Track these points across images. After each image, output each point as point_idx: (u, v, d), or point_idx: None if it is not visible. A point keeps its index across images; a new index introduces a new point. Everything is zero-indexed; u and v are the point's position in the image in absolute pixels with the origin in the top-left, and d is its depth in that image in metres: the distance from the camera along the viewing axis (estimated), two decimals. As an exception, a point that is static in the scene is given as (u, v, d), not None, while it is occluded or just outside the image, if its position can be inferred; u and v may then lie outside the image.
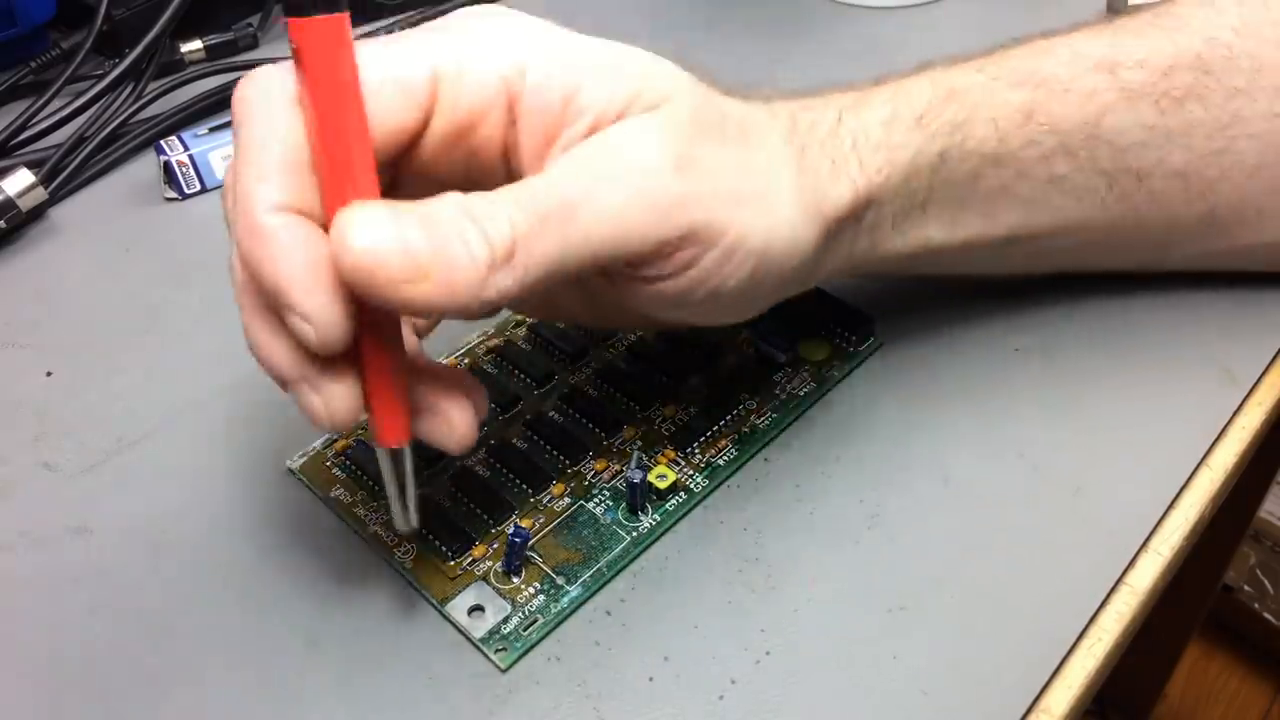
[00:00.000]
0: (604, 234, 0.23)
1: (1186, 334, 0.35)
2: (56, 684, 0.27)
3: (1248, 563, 1.03)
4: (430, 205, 0.22)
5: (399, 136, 0.24)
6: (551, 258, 0.23)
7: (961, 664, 0.27)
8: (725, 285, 0.26)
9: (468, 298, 0.22)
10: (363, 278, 0.21)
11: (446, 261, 0.22)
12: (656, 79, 0.25)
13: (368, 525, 0.30)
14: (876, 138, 0.29)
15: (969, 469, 0.31)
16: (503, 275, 0.22)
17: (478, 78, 0.24)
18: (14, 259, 0.42)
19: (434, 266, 0.22)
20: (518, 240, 0.22)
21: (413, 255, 0.21)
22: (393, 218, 0.22)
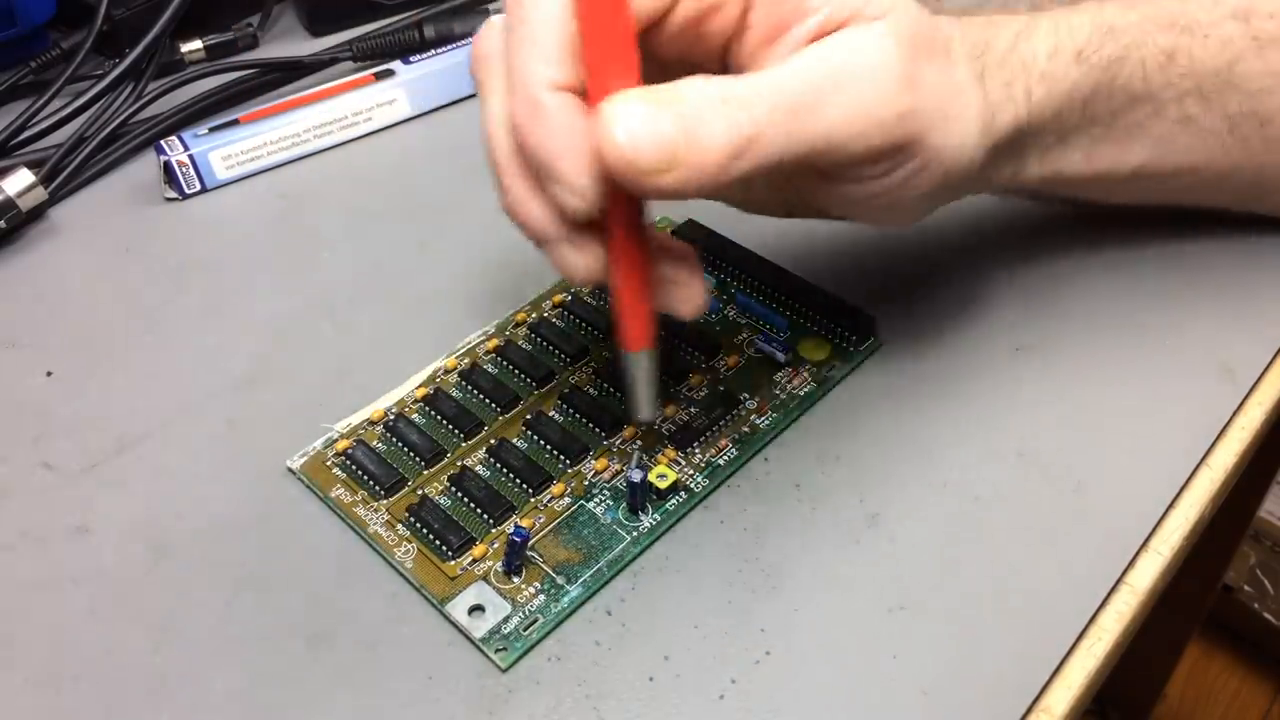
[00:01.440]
0: (834, 136, 0.25)
1: (1187, 333, 0.35)
2: (56, 684, 0.27)
3: (1248, 563, 1.03)
4: (682, 93, 0.24)
5: (650, 16, 0.25)
6: (783, 150, 0.25)
7: (961, 664, 0.27)
8: (909, 194, 0.28)
9: (709, 183, 0.24)
10: (622, 167, 0.23)
11: (696, 151, 0.24)
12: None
13: (368, 525, 0.30)
14: (1041, 67, 0.31)
15: (969, 469, 0.31)
16: (740, 161, 0.24)
17: None
18: (14, 259, 0.42)
19: (684, 156, 0.23)
20: (759, 130, 0.24)
21: (667, 147, 0.23)
22: (651, 112, 0.23)
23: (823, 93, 0.25)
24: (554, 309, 0.37)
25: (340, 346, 0.37)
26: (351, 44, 0.51)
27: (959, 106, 0.28)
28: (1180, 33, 0.32)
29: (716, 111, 0.24)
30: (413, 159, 0.46)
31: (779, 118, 0.24)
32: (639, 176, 0.24)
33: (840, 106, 0.25)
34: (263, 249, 0.42)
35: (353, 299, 0.39)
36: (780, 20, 0.26)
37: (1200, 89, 0.32)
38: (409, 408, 0.34)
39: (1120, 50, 0.32)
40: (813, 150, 0.25)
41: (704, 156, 0.24)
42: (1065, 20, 0.32)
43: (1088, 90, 0.31)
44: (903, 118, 0.26)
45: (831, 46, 0.26)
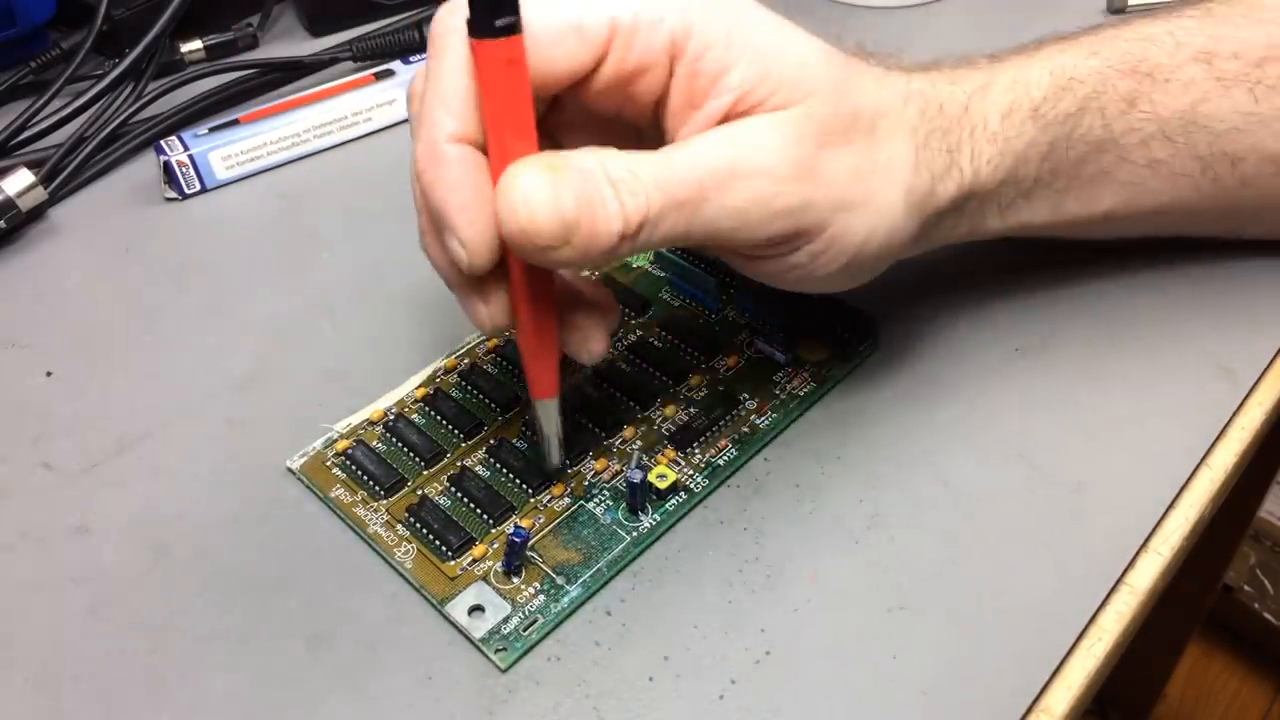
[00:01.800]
0: (723, 225, 0.26)
1: (1187, 334, 0.35)
2: (56, 684, 0.27)
3: (1248, 563, 1.03)
4: (583, 166, 0.24)
5: (569, 77, 0.26)
6: (673, 235, 0.26)
7: (961, 664, 0.27)
8: (816, 272, 0.28)
9: (598, 259, 0.25)
10: (519, 239, 0.24)
11: (590, 229, 0.24)
12: (803, 74, 0.26)
13: (368, 525, 0.30)
14: (993, 128, 0.30)
15: (968, 468, 0.31)
16: (629, 243, 0.25)
17: (649, 34, 0.26)
18: (14, 259, 0.42)
19: (578, 233, 0.24)
20: (648, 218, 0.25)
21: (565, 223, 0.24)
22: (550, 186, 0.24)
23: (715, 184, 0.25)
24: (554, 309, 0.37)
25: (340, 346, 0.37)
26: (351, 44, 0.51)
27: (870, 191, 0.28)
28: (1141, 79, 0.32)
29: (611, 191, 0.24)
30: (413, 159, 0.46)
31: (670, 207, 0.25)
32: (535, 250, 0.24)
33: (731, 199, 0.25)
34: (263, 249, 0.42)
35: (353, 299, 0.39)
36: (696, 93, 0.26)
37: (1164, 131, 0.32)
38: (409, 408, 0.34)
39: (1079, 102, 0.31)
40: (713, 236, 0.26)
41: (597, 236, 0.24)
42: (1024, 74, 0.31)
43: (1045, 146, 0.31)
44: (794, 211, 0.26)
45: (732, 134, 0.26)
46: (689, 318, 0.36)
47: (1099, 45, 0.33)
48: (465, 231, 0.25)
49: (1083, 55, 0.32)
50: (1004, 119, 0.31)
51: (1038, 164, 0.31)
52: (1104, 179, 0.33)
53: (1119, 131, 0.32)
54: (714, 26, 0.26)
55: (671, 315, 0.36)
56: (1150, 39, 0.33)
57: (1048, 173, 0.32)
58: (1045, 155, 0.31)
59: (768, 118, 0.26)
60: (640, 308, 0.36)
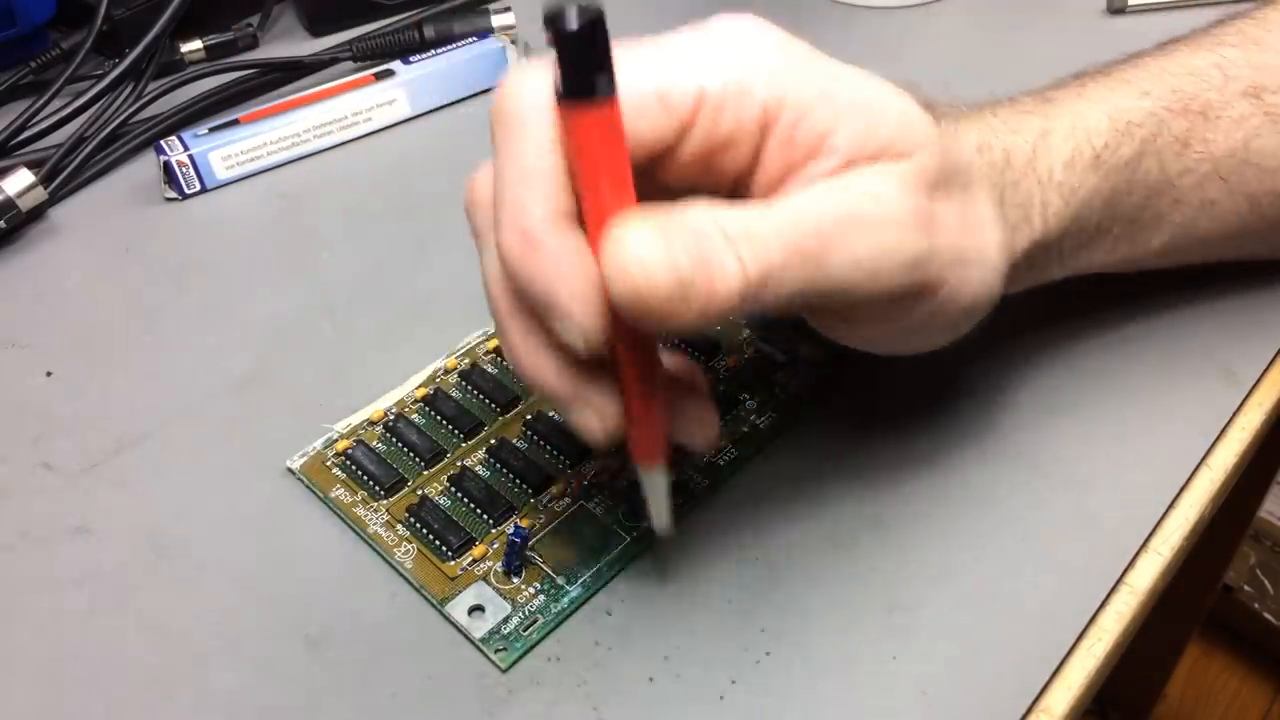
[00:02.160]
0: (848, 278, 0.24)
1: (1187, 334, 0.35)
2: (56, 684, 0.27)
3: (1248, 563, 1.03)
4: (694, 223, 0.22)
5: (655, 149, 0.24)
6: (795, 290, 0.23)
7: (961, 664, 0.27)
8: (922, 331, 0.27)
9: (716, 319, 0.22)
10: (633, 300, 0.22)
11: (708, 288, 0.22)
12: (908, 127, 0.25)
13: (368, 525, 0.30)
14: (1059, 178, 0.30)
15: (969, 469, 0.31)
16: (750, 302, 0.23)
17: (739, 106, 0.24)
18: (14, 259, 0.42)
19: (696, 292, 0.22)
20: (771, 271, 0.23)
21: (680, 283, 0.22)
22: (664, 242, 0.22)
23: (838, 234, 0.23)
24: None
25: (340, 346, 0.37)
26: (351, 44, 0.51)
27: (979, 244, 0.27)
28: (1194, 118, 0.32)
29: (727, 245, 0.22)
30: (413, 159, 0.46)
31: (793, 259, 0.23)
32: (650, 311, 0.22)
33: (855, 249, 0.24)
34: (263, 249, 0.42)
35: (353, 299, 0.39)
36: (796, 159, 0.24)
37: (1218, 171, 0.32)
38: (409, 408, 0.34)
39: (1138, 146, 0.31)
40: (836, 292, 0.24)
41: (716, 294, 0.22)
42: (1082, 120, 0.31)
43: (1107, 193, 0.31)
44: (919, 263, 0.25)
45: (847, 185, 0.24)
46: (689, 318, 0.36)
47: (1149, 84, 0.32)
48: (582, 313, 0.22)
49: (1135, 96, 0.31)
50: (1067, 168, 0.30)
51: (1100, 211, 0.31)
52: (1157, 221, 0.32)
53: (1175, 173, 0.31)
54: (808, 90, 0.24)
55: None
56: (1199, 74, 0.32)
57: (1108, 219, 0.31)
58: (1108, 201, 0.31)
59: (879, 168, 0.24)
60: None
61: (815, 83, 0.24)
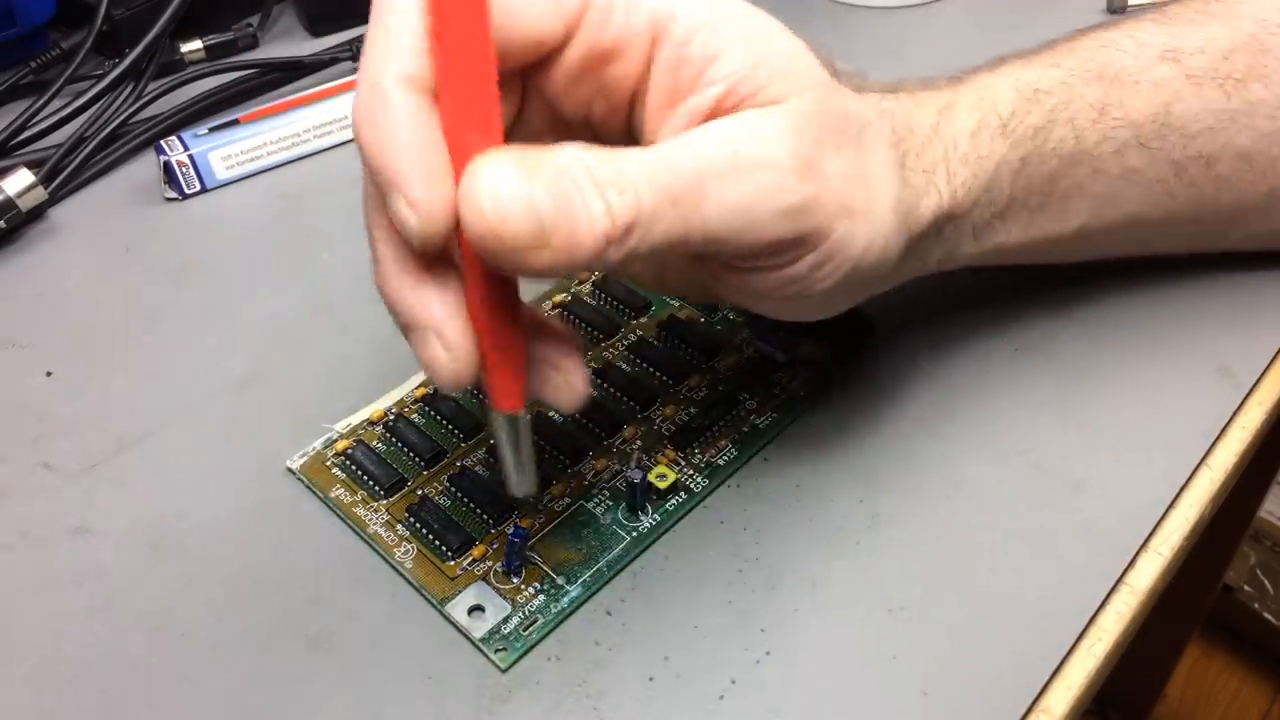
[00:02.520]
0: (724, 225, 0.23)
1: (1187, 333, 0.35)
2: (56, 684, 0.27)
3: (1248, 563, 1.03)
4: (560, 162, 0.22)
5: (537, 47, 0.23)
6: (668, 238, 0.23)
7: (961, 664, 0.27)
8: (814, 287, 0.26)
9: (583, 264, 0.22)
10: (488, 239, 0.21)
11: (569, 230, 0.21)
12: (796, 69, 0.24)
13: (368, 525, 0.30)
14: (964, 148, 0.29)
15: (969, 468, 0.31)
16: (618, 247, 0.22)
17: (628, 9, 0.23)
18: (14, 259, 0.42)
19: (556, 235, 0.21)
20: (640, 219, 0.22)
21: (540, 223, 0.21)
22: (524, 180, 0.21)
23: (712, 179, 0.23)
24: (554, 309, 0.37)
25: (340, 346, 0.37)
26: (351, 44, 0.51)
27: (867, 199, 0.26)
28: (1109, 83, 0.31)
29: (595, 189, 0.22)
30: (413, 159, 0.46)
31: (664, 205, 0.22)
32: (505, 252, 0.21)
33: (731, 193, 0.23)
34: (263, 249, 0.42)
35: (353, 299, 0.39)
36: (680, 85, 0.24)
37: (1138, 138, 0.31)
38: (409, 408, 0.34)
39: (1047, 114, 0.30)
40: (712, 239, 0.23)
41: (578, 238, 0.21)
42: (989, 91, 0.30)
43: (1017, 162, 0.30)
44: (801, 210, 0.24)
45: (727, 127, 0.23)
46: (689, 318, 0.36)
47: (1059, 57, 0.32)
48: (416, 185, 0.21)
49: (1045, 67, 0.31)
50: (973, 138, 0.29)
51: (1011, 181, 0.30)
52: (1077, 192, 0.32)
53: (1092, 142, 0.31)
54: (699, 11, 0.23)
55: (671, 315, 0.36)
56: (1111, 43, 0.32)
57: (1021, 190, 0.31)
58: (1018, 172, 0.30)
59: (763, 110, 0.24)
60: (640, 308, 0.36)
61: (708, 6, 0.24)
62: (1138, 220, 0.33)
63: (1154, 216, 0.33)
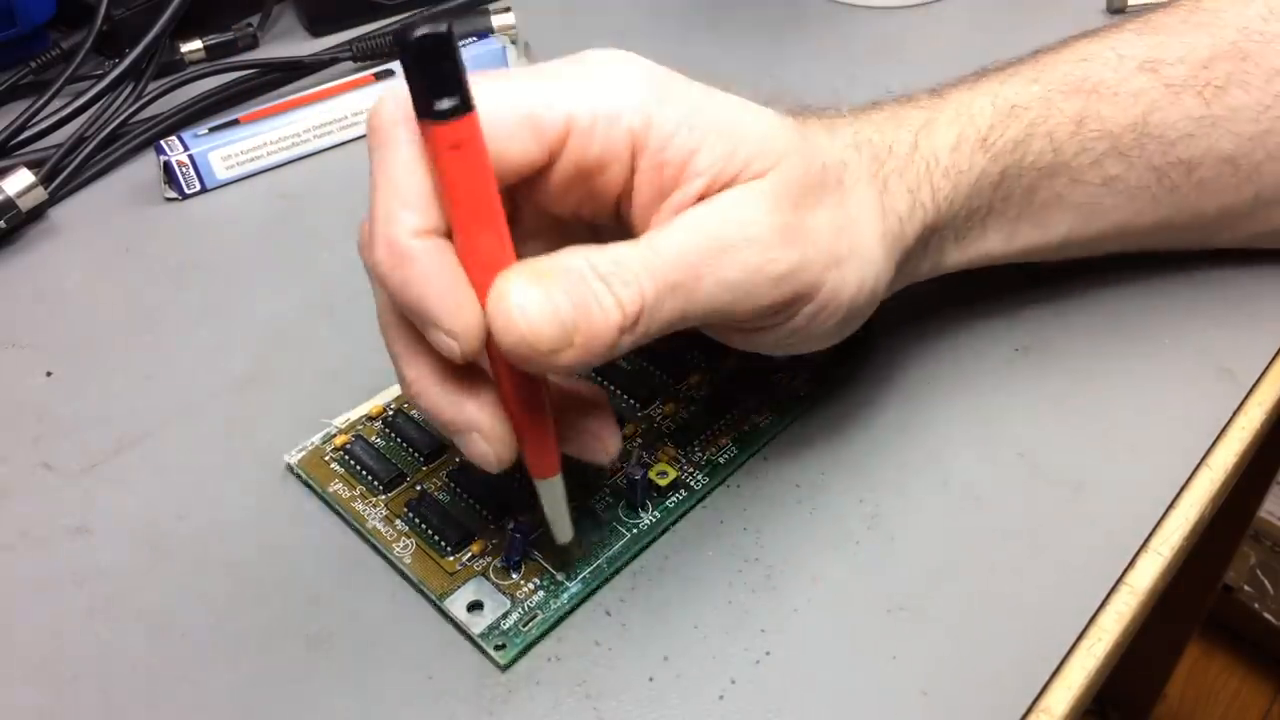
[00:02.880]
0: (721, 302, 0.25)
1: (1186, 333, 0.35)
2: (56, 684, 0.27)
3: (1248, 563, 1.03)
4: (569, 267, 0.24)
5: (523, 171, 0.25)
6: (672, 321, 0.25)
7: (961, 664, 0.27)
8: (815, 331, 0.28)
9: (601, 354, 0.24)
10: (522, 350, 0.23)
11: (588, 327, 0.23)
12: (769, 143, 0.26)
13: (366, 520, 0.30)
14: (945, 163, 0.30)
15: (969, 469, 0.31)
16: (630, 335, 0.24)
17: (606, 130, 0.25)
18: (14, 259, 0.42)
19: (578, 333, 0.23)
20: (645, 307, 0.24)
21: (563, 325, 0.23)
22: (545, 292, 0.23)
23: (705, 262, 0.25)
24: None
25: (340, 346, 0.37)
26: (351, 44, 0.51)
27: (852, 243, 0.27)
28: (1087, 96, 0.32)
29: (603, 286, 0.24)
30: (413, 159, 0.46)
31: (664, 292, 0.24)
32: (537, 356, 0.23)
33: (724, 273, 0.25)
34: (263, 249, 0.42)
35: (353, 299, 0.39)
36: (665, 183, 0.25)
37: (1117, 147, 0.32)
38: (408, 403, 0.34)
39: (1025, 128, 0.31)
40: (712, 315, 0.25)
41: (596, 334, 0.24)
42: (967, 107, 0.31)
43: (996, 175, 0.31)
44: (790, 275, 0.26)
45: (711, 212, 0.25)
46: (689, 317, 0.36)
47: (1039, 71, 0.32)
48: (453, 319, 0.23)
49: (1024, 83, 0.32)
50: (953, 152, 0.30)
51: (990, 193, 0.31)
52: (1057, 203, 0.32)
53: (1070, 154, 0.32)
54: (672, 115, 0.25)
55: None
56: (1091, 56, 0.32)
57: (1000, 200, 0.31)
58: (997, 184, 0.31)
59: (743, 189, 0.25)
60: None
61: (679, 109, 0.25)
62: (1122, 227, 0.34)
63: (1138, 223, 0.34)
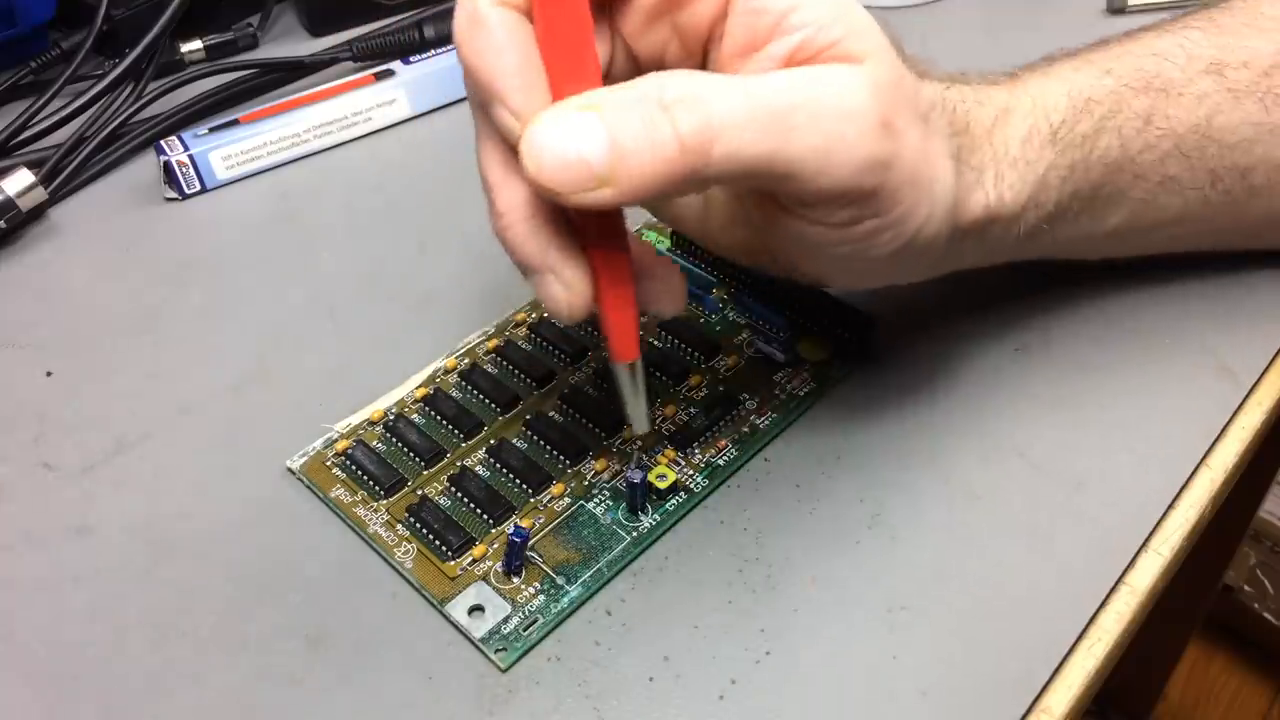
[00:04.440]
0: (806, 165, 0.24)
1: (1187, 333, 0.35)
2: (57, 684, 0.27)
3: (1248, 563, 1.03)
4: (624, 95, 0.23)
5: None
6: (752, 167, 0.23)
7: (961, 664, 0.27)
8: (867, 253, 0.27)
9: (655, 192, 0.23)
10: (546, 187, 0.23)
11: (630, 166, 0.22)
12: (869, 32, 0.25)
13: (368, 525, 0.30)
14: (1014, 154, 0.30)
15: (969, 469, 0.31)
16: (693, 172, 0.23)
17: None
18: (14, 259, 0.42)
19: (618, 173, 0.22)
20: (716, 141, 0.22)
21: (597, 170, 0.22)
22: (581, 127, 0.22)
23: (799, 113, 0.23)
24: (554, 309, 0.37)
25: (340, 346, 0.37)
26: (351, 44, 0.51)
27: (931, 176, 0.26)
28: (1156, 94, 0.32)
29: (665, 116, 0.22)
30: (413, 159, 0.46)
31: (750, 126, 0.23)
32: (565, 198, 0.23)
33: (815, 133, 0.23)
34: (263, 249, 0.42)
35: (353, 299, 0.39)
36: (756, 34, 0.24)
37: (1179, 148, 0.32)
38: (409, 408, 0.34)
39: (1096, 123, 0.31)
40: (782, 175, 0.24)
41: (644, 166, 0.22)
42: (1042, 96, 0.31)
43: (1065, 169, 0.31)
44: (881, 165, 0.24)
45: (811, 74, 0.24)
46: (689, 318, 0.36)
47: (1112, 63, 0.32)
48: (519, 97, 0.23)
49: (1097, 75, 0.32)
50: (1024, 144, 0.30)
51: (1058, 188, 0.31)
52: (1118, 198, 0.32)
53: (1135, 150, 0.32)
54: None
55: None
56: (1162, 54, 0.33)
57: (1068, 196, 0.31)
58: (1065, 179, 0.31)
59: (843, 67, 0.24)
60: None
61: None
62: (1171, 224, 0.34)
63: (1187, 222, 0.34)
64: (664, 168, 0.22)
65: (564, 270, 0.25)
